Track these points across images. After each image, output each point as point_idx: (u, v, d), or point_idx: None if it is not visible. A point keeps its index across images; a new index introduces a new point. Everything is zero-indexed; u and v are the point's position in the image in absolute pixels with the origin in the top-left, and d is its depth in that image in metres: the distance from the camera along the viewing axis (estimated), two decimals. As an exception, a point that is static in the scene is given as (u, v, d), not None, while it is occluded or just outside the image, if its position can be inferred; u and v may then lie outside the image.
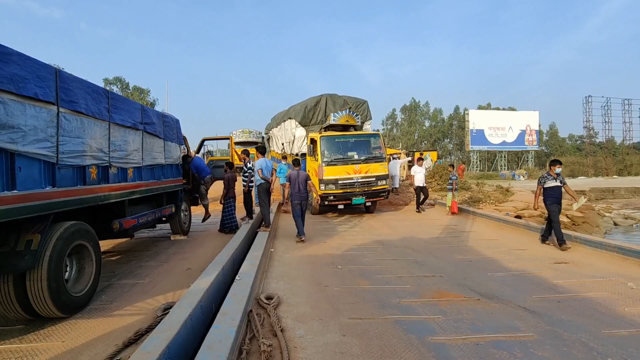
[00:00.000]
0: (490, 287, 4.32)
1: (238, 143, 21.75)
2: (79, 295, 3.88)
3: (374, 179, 9.83)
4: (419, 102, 62.50)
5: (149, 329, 3.16)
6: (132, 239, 7.34)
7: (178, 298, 3.81)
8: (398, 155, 17.77)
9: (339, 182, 9.59)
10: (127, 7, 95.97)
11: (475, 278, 4.65)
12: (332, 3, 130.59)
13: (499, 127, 43.58)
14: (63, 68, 3.90)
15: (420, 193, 10.61)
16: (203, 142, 11.18)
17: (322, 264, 5.38)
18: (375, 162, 9.99)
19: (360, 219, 9.66)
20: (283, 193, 10.42)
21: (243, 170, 8.46)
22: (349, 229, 8.37)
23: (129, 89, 45.98)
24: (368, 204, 10.33)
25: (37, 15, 73.53)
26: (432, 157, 24.93)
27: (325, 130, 10.63)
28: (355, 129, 10.83)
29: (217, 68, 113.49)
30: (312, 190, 8.01)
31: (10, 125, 3.07)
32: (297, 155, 11.65)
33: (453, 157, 59.98)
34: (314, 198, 9.80)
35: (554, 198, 6.24)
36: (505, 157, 48.19)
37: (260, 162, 7.48)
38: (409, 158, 20.26)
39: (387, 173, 10.21)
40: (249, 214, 8.21)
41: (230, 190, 7.84)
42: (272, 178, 7.57)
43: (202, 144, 11.51)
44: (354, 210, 10.80)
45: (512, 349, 2.88)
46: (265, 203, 7.43)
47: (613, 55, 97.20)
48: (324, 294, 4.13)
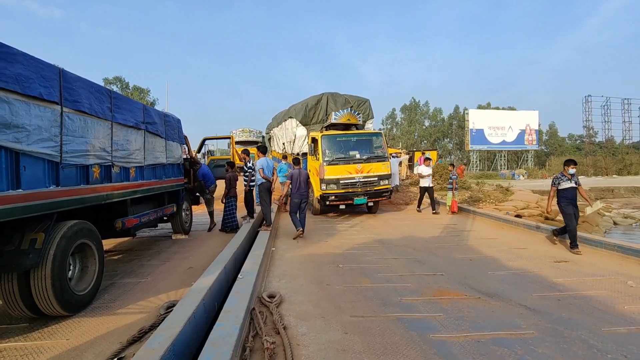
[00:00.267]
0: (491, 285, 4.35)
1: (238, 142, 21.73)
2: (83, 294, 3.90)
3: (376, 179, 9.71)
4: (419, 101, 62.69)
5: (153, 327, 3.18)
6: (133, 238, 7.37)
7: (180, 296, 3.84)
8: (398, 155, 17.79)
9: (341, 181, 9.48)
10: (127, 6, 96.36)
11: (476, 276, 4.68)
12: (332, 3, 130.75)
13: (499, 126, 43.67)
14: (63, 68, 3.91)
15: (425, 193, 10.52)
16: (204, 141, 11.20)
17: (323, 263, 5.40)
18: (378, 161, 9.85)
19: (361, 219, 9.66)
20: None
21: (244, 170, 8.49)
22: (350, 228, 8.37)
23: (129, 89, 45.92)
24: (370, 204, 10.19)
25: (37, 15, 73.59)
26: (432, 156, 24.91)
27: (327, 129, 10.50)
28: (357, 128, 10.67)
29: (217, 68, 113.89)
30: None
31: (15, 125, 3.09)
32: (297, 155, 11.61)
33: (453, 156, 59.99)
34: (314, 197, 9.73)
35: (569, 200, 6.03)
36: (505, 156, 48.27)
37: (262, 161, 7.50)
38: (407, 157, 20.28)
39: (389, 173, 10.09)
40: (250, 214, 8.24)
41: (232, 190, 7.87)
42: (273, 177, 7.59)
43: (203, 143, 11.52)
44: (355, 210, 10.78)
45: (513, 346, 2.90)
46: (267, 202, 7.45)
47: (613, 55, 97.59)
48: (326, 293, 4.15)
